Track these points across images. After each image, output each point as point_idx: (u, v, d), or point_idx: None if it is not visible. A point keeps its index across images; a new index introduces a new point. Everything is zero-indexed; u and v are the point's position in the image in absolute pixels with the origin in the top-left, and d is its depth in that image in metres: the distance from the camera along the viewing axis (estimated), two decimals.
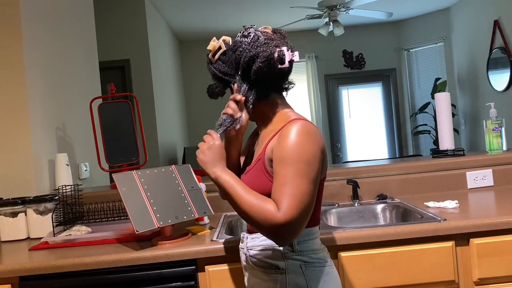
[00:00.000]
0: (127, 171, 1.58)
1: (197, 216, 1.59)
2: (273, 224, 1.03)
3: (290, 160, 1.07)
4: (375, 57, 6.71)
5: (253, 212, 1.06)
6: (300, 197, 1.04)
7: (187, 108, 6.64)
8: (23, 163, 2.12)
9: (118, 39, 4.46)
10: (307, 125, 1.12)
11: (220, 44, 1.24)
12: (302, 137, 1.09)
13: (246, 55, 1.18)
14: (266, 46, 1.17)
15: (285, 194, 1.04)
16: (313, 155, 1.08)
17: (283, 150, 1.09)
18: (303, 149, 1.08)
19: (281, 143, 1.11)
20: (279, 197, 1.05)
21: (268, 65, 1.16)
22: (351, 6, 4.64)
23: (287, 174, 1.06)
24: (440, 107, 2.27)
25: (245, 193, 1.10)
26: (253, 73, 1.18)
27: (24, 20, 2.16)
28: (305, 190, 1.05)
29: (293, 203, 1.03)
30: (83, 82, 2.86)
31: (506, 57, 4.76)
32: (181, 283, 1.48)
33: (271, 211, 1.04)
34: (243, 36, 1.22)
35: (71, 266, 1.45)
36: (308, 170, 1.07)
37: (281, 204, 1.04)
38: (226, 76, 1.24)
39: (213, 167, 1.18)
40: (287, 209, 1.03)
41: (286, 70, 1.20)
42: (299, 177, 1.05)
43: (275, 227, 1.03)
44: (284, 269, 1.17)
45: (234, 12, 5.44)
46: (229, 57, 1.24)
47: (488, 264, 1.49)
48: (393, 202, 1.98)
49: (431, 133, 5.99)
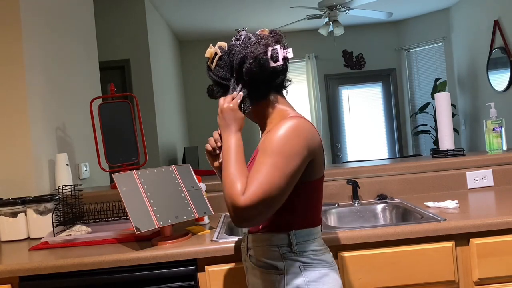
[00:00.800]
0: (127, 171, 1.58)
1: (197, 216, 1.59)
2: (233, 204, 1.05)
3: (270, 151, 1.09)
4: (375, 57, 6.72)
5: (225, 183, 1.10)
6: (266, 187, 1.05)
7: (187, 108, 6.64)
8: (23, 163, 2.12)
9: (118, 39, 4.46)
10: (301, 122, 1.13)
11: (216, 50, 1.27)
12: (289, 132, 1.10)
13: (237, 57, 1.21)
14: (256, 46, 1.19)
15: (254, 181, 1.06)
16: (295, 151, 1.09)
17: (268, 141, 1.11)
18: (286, 143, 1.09)
19: (269, 135, 1.13)
20: (249, 182, 1.07)
21: (258, 64, 1.17)
22: (351, 6, 4.64)
23: (263, 162, 1.08)
24: (440, 107, 2.27)
25: (236, 164, 1.13)
26: (245, 74, 1.20)
27: (24, 19, 2.16)
28: (274, 182, 1.06)
29: (257, 191, 1.04)
30: (83, 82, 2.86)
31: (506, 57, 4.76)
32: (181, 283, 1.48)
33: (237, 190, 1.06)
34: (236, 39, 1.25)
35: (71, 266, 1.45)
36: (284, 164, 1.07)
37: (247, 189, 1.05)
38: (224, 81, 1.26)
39: (225, 129, 1.21)
40: (250, 195, 1.04)
41: (280, 67, 1.20)
42: (273, 169, 1.06)
43: (234, 207, 1.05)
44: (282, 269, 1.16)
45: (234, 12, 5.44)
46: (225, 62, 1.26)
47: (488, 264, 1.49)
48: (393, 202, 1.98)
49: (431, 133, 5.99)
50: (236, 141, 1.18)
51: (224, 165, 1.15)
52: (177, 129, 5.75)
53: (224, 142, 1.19)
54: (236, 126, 1.21)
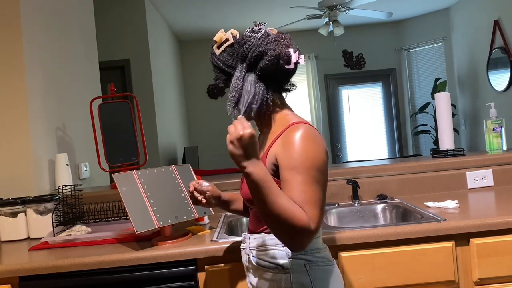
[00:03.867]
0: (127, 171, 1.58)
1: (197, 216, 1.59)
2: (304, 231, 1.01)
3: (302, 168, 1.08)
4: (375, 57, 6.71)
5: (285, 216, 1.01)
6: (320, 204, 1.07)
7: (187, 108, 6.64)
8: (23, 163, 2.12)
9: (118, 39, 4.46)
10: (310, 129, 1.13)
11: (228, 36, 1.24)
12: (309, 143, 1.10)
13: (255, 50, 1.19)
14: (276, 44, 1.18)
15: (308, 202, 1.05)
16: (322, 161, 1.11)
17: (293, 159, 1.09)
18: (312, 155, 1.09)
19: (288, 150, 1.11)
20: (303, 206, 1.04)
21: (276, 63, 1.17)
22: (351, 6, 4.64)
23: (304, 181, 1.07)
24: (440, 107, 2.27)
25: (279, 194, 1.03)
26: (259, 69, 1.19)
27: (24, 20, 2.16)
28: (321, 196, 1.08)
29: (318, 211, 1.05)
30: (83, 82, 2.86)
31: (506, 57, 4.76)
32: (181, 283, 1.48)
33: (303, 218, 1.01)
34: (253, 31, 1.22)
35: (71, 266, 1.45)
36: (320, 176, 1.09)
37: (308, 213, 1.03)
38: (229, 69, 1.25)
39: (245, 161, 1.03)
40: (315, 217, 1.04)
41: (291, 71, 1.21)
42: (315, 184, 1.07)
43: (304, 234, 1.02)
44: (288, 268, 1.17)
45: (234, 12, 5.44)
46: (235, 50, 1.23)
47: (488, 264, 1.49)
48: (393, 202, 1.98)
49: (431, 133, 5.99)
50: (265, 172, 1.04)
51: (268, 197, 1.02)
52: (177, 129, 5.75)
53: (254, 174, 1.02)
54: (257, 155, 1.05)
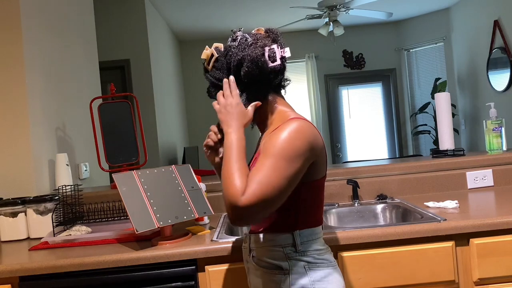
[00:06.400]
0: (127, 171, 1.58)
1: (197, 216, 1.59)
2: (232, 203, 1.04)
3: (272, 152, 1.08)
4: (375, 57, 6.71)
5: (225, 181, 1.09)
6: (265, 188, 1.04)
7: (187, 108, 6.65)
8: (23, 163, 2.12)
9: (118, 39, 4.46)
10: (303, 123, 1.12)
11: (212, 51, 1.26)
12: (292, 134, 1.10)
13: (234, 59, 1.20)
14: (253, 47, 1.18)
15: (254, 181, 1.05)
16: (297, 153, 1.08)
17: (270, 143, 1.10)
18: (288, 145, 1.08)
19: (272, 137, 1.12)
20: (249, 182, 1.06)
21: (256, 66, 1.17)
22: (351, 6, 4.64)
23: (265, 163, 1.07)
24: (440, 107, 2.27)
25: (238, 162, 1.11)
26: (243, 77, 1.19)
27: (24, 20, 2.16)
28: (273, 183, 1.05)
29: (257, 192, 1.04)
30: (83, 82, 2.86)
31: (506, 57, 4.76)
32: (181, 283, 1.48)
33: (237, 190, 1.05)
34: (232, 40, 1.24)
35: (71, 266, 1.45)
36: (285, 166, 1.07)
37: (247, 189, 1.05)
38: (221, 82, 1.25)
39: (230, 127, 1.17)
40: (249, 195, 1.03)
41: (279, 67, 1.20)
42: (273, 170, 1.06)
43: (232, 206, 1.04)
44: (287, 269, 1.16)
45: (234, 12, 5.44)
46: (221, 63, 1.25)
47: (488, 264, 1.49)
48: (393, 202, 1.98)
49: (431, 133, 5.99)
50: (238, 138, 1.15)
51: (225, 161, 1.13)
52: (177, 129, 5.75)
53: (226, 138, 1.16)
54: (240, 122, 1.19)
